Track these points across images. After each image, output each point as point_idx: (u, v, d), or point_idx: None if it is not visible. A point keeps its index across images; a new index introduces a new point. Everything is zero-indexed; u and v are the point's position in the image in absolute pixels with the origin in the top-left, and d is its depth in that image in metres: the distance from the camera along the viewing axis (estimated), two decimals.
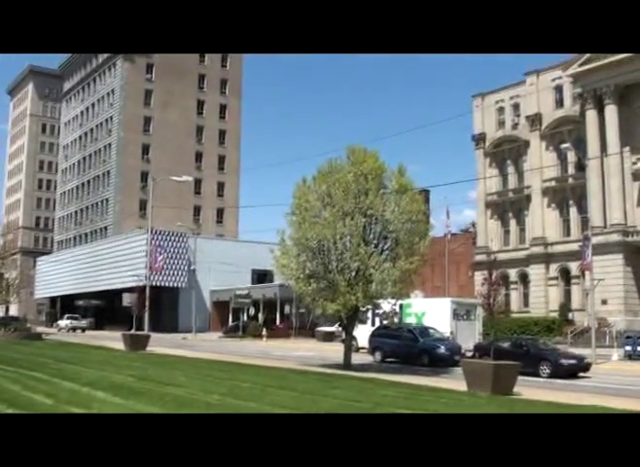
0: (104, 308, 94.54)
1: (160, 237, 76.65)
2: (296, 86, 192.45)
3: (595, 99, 61.07)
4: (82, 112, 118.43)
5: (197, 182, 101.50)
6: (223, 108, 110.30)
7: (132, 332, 53.07)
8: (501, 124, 72.75)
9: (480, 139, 73.65)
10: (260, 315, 76.23)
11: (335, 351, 38.90)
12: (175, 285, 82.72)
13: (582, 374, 30.47)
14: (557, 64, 65.28)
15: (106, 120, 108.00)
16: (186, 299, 79.42)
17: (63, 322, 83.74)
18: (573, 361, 31.24)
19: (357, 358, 34.93)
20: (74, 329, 79.40)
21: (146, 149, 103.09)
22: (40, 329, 70.18)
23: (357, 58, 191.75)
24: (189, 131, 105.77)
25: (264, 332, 66.44)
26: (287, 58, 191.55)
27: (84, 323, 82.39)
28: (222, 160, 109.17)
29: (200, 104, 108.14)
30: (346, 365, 30.61)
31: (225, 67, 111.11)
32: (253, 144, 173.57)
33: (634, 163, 59.55)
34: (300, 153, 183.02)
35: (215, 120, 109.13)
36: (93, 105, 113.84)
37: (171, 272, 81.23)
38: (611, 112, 59.93)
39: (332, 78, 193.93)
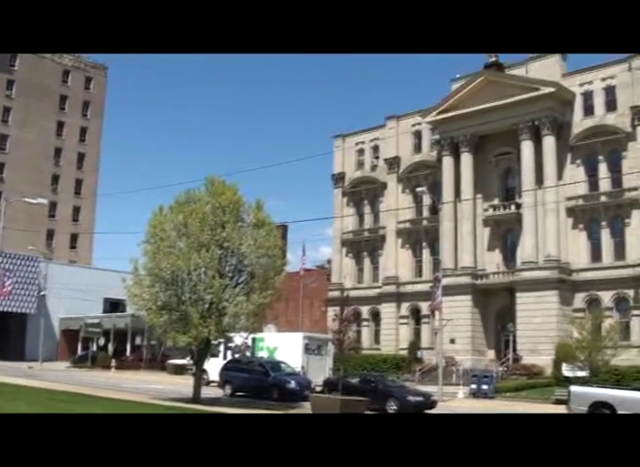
0: None
1: (9, 261, 73.61)
2: (163, 111, 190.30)
3: (452, 147, 63.41)
4: None
5: (52, 205, 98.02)
6: (83, 131, 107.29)
7: None
8: (360, 165, 74.30)
9: (339, 179, 74.92)
10: (110, 345, 74.23)
11: (185, 384, 38.39)
12: (23, 311, 79.17)
13: (428, 410, 31.28)
14: (417, 111, 67.47)
15: None
16: (34, 326, 76.11)
17: None
18: (420, 398, 32.11)
19: (208, 392, 34.57)
20: None
21: (0, 168, 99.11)
22: None
23: (228, 88, 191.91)
24: (47, 153, 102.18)
25: (112, 363, 64.76)
26: (154, 85, 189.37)
27: None
28: (79, 183, 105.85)
29: (60, 125, 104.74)
30: (195, 399, 30.21)
31: (88, 89, 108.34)
32: (114, 168, 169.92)
33: (485, 210, 62.05)
34: (161, 180, 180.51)
35: (75, 142, 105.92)
36: None
37: (19, 298, 77.82)
38: (466, 160, 62.33)
39: (202, 107, 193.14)
